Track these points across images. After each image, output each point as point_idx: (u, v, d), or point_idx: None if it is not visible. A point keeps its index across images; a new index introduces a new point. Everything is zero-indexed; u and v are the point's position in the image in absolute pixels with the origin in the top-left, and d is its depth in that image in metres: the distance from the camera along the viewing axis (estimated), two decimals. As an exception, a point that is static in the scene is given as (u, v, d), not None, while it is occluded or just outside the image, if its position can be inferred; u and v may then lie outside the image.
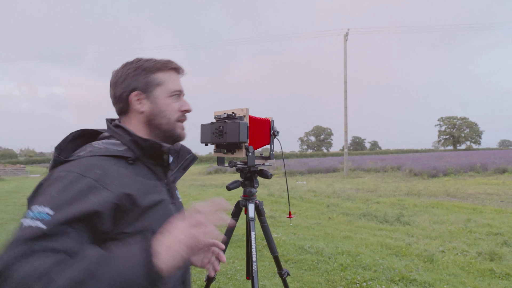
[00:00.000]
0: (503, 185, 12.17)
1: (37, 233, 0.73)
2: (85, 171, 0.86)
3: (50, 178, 0.86)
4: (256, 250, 1.99)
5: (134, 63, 1.03)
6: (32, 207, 0.79)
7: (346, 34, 21.25)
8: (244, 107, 1.82)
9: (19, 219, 5.16)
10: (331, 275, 3.90)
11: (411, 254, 4.61)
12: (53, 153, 0.95)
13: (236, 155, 1.86)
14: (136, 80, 1.01)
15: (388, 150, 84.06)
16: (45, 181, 0.86)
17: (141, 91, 1.02)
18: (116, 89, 1.03)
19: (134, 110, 1.03)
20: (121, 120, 1.07)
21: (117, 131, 1.01)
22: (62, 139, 0.97)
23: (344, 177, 18.38)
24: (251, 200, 2.11)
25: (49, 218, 0.75)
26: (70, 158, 0.93)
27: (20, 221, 0.78)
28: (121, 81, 1.02)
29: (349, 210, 8.02)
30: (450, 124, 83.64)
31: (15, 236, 0.73)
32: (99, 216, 0.80)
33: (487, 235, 5.53)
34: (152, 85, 1.02)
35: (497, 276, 3.83)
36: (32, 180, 24.08)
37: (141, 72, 1.02)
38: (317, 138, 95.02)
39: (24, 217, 0.77)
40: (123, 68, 1.03)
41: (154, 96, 1.03)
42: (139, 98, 1.02)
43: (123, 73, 1.02)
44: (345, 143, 21.30)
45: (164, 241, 0.73)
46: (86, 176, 0.84)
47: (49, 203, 0.78)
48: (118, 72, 1.04)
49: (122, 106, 1.04)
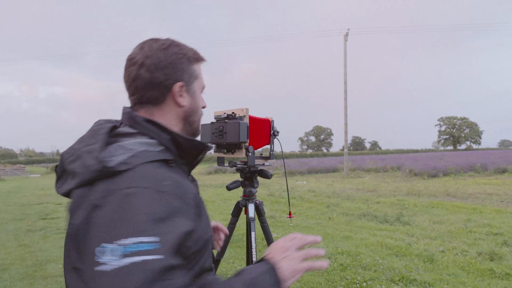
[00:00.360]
0: (503, 185, 12.17)
1: (163, 265, 0.61)
2: (157, 185, 0.71)
3: (111, 200, 0.67)
4: (256, 250, 1.99)
5: (175, 46, 0.89)
6: (121, 241, 0.62)
7: (346, 34, 21.25)
8: (244, 107, 1.82)
9: (19, 219, 5.12)
10: (331, 275, 3.90)
11: (411, 254, 4.61)
12: (93, 164, 0.73)
13: (236, 155, 1.86)
14: (181, 69, 0.88)
15: (388, 150, 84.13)
16: (104, 204, 0.67)
17: (186, 83, 0.90)
18: (156, 73, 0.85)
19: (173, 103, 0.89)
20: (147, 111, 0.88)
21: (151, 128, 0.83)
22: (98, 146, 0.76)
23: (344, 177, 18.38)
24: (251, 200, 2.11)
25: (160, 246, 0.63)
26: (119, 169, 0.73)
27: (111, 263, 0.60)
28: (164, 66, 0.85)
29: (349, 210, 8.02)
30: (450, 124, 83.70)
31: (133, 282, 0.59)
32: (190, 235, 0.72)
33: (487, 235, 5.53)
34: (193, 78, 0.92)
35: (497, 276, 3.83)
36: (32, 180, 24.09)
37: (185, 61, 0.89)
38: (317, 138, 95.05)
39: (113, 255, 0.61)
40: (165, 51, 0.87)
41: (193, 90, 0.93)
42: (181, 91, 0.89)
43: (166, 57, 0.86)
44: (345, 143, 21.30)
45: (287, 268, 0.79)
46: (163, 191, 0.71)
47: (145, 231, 0.63)
48: (159, 53, 0.86)
49: (157, 95, 0.87)
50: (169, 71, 0.86)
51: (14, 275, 4.12)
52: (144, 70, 0.85)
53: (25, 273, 4.21)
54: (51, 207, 9.70)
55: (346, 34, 21.26)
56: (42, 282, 3.92)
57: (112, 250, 0.61)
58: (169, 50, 0.87)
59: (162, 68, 0.85)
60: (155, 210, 0.67)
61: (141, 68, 0.85)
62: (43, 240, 5.84)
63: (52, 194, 13.35)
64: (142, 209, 0.66)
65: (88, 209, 0.68)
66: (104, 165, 0.71)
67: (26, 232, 6.51)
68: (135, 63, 0.85)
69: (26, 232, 6.52)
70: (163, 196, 0.70)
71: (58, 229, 6.65)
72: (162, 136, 0.83)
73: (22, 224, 7.32)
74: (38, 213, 8.72)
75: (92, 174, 0.72)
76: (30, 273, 4.21)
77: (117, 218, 0.65)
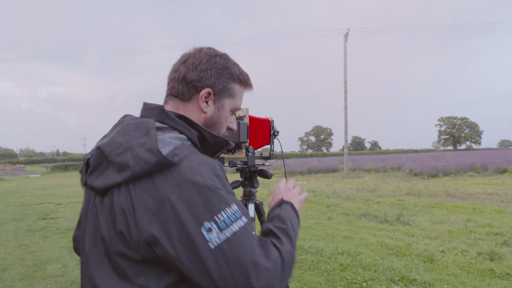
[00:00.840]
0: (503, 185, 12.18)
1: (250, 225, 0.78)
2: (213, 171, 0.79)
3: (185, 188, 0.73)
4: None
5: (223, 59, 0.94)
6: (217, 217, 0.72)
7: (346, 34, 21.25)
8: (244, 107, 1.82)
9: (19, 219, 5.13)
10: (331, 275, 3.90)
11: (411, 254, 4.61)
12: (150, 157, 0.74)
13: (236, 155, 1.86)
14: (217, 79, 0.92)
15: (388, 150, 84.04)
16: (182, 193, 0.72)
17: (214, 93, 0.93)
18: (193, 72, 0.90)
19: (197, 105, 0.93)
20: (174, 105, 0.94)
21: (182, 123, 0.87)
22: (151, 139, 0.78)
23: (344, 177, 18.38)
24: (251, 200, 2.10)
25: (241, 212, 0.77)
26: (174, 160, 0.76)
27: (217, 234, 0.71)
28: (202, 68, 0.91)
29: (349, 210, 8.02)
30: (450, 124, 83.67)
31: (242, 244, 0.72)
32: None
33: (487, 235, 5.53)
34: (226, 93, 0.95)
35: (497, 276, 3.83)
36: (32, 180, 24.08)
37: (226, 74, 0.93)
38: (317, 138, 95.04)
39: (217, 230, 0.71)
40: (212, 58, 0.92)
41: (222, 104, 0.95)
42: (208, 98, 0.93)
43: (209, 62, 0.92)
44: (345, 143, 21.31)
45: (296, 202, 1.05)
46: (219, 174, 0.80)
47: (228, 203, 0.75)
48: (204, 57, 0.92)
49: (184, 92, 0.92)
50: (204, 75, 0.91)
51: (14, 275, 4.12)
52: (184, 66, 0.92)
53: (25, 273, 4.21)
54: (51, 207, 9.69)
55: (346, 34, 21.26)
56: (42, 282, 3.92)
57: (215, 226, 0.71)
58: (215, 58, 0.93)
59: (200, 70, 0.91)
60: (224, 187, 0.77)
61: (183, 64, 0.92)
62: (43, 240, 5.84)
63: (52, 194, 13.34)
64: (217, 188, 0.75)
65: (166, 202, 0.72)
66: (163, 156, 0.74)
67: (26, 232, 6.51)
68: (182, 59, 0.94)
69: (26, 232, 6.51)
70: (221, 178, 0.79)
71: (58, 229, 6.65)
72: (192, 131, 0.87)
73: (22, 224, 7.31)
74: (38, 213, 8.72)
75: (149, 167, 0.74)
76: (30, 273, 4.21)
77: (204, 200, 0.72)
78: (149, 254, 0.73)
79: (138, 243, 0.73)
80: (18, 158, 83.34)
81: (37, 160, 72.73)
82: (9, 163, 47.72)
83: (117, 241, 0.75)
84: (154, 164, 0.74)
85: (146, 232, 0.72)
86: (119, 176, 0.76)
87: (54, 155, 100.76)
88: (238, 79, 0.96)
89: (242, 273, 0.69)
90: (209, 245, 0.70)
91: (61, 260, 4.70)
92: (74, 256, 4.84)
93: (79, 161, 48.71)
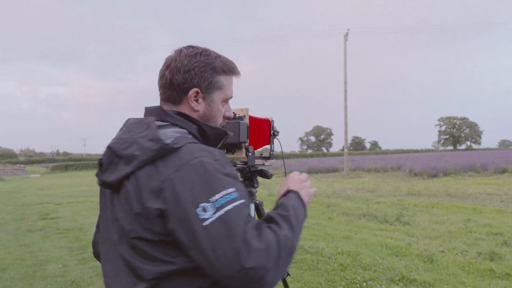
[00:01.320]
0: (503, 185, 12.18)
1: (246, 206, 0.80)
2: (212, 155, 0.83)
3: (185, 170, 0.79)
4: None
5: (203, 55, 0.96)
6: (213, 197, 0.76)
7: (346, 34, 21.26)
8: (244, 107, 1.83)
9: (19, 219, 5.13)
10: (331, 275, 3.90)
11: (411, 254, 4.61)
12: (152, 145, 0.82)
13: (236, 155, 1.86)
14: (201, 76, 0.95)
15: (388, 150, 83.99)
16: (182, 175, 0.78)
17: (202, 91, 0.96)
18: (177, 76, 0.94)
19: (188, 106, 0.97)
20: (168, 108, 0.98)
21: (181, 119, 0.93)
22: (152, 130, 0.86)
23: (344, 177, 18.38)
24: (251, 200, 2.11)
25: (239, 193, 0.80)
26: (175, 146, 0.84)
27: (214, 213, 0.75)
28: (185, 70, 0.94)
29: (349, 210, 8.02)
30: (450, 124, 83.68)
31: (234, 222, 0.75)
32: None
33: (487, 235, 5.53)
34: (214, 88, 0.98)
35: (497, 276, 3.83)
36: (32, 180, 24.09)
37: (209, 70, 0.96)
38: (317, 138, 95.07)
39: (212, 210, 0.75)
40: (192, 57, 0.95)
41: (212, 98, 0.99)
42: (197, 97, 0.97)
43: (190, 62, 0.95)
44: (345, 143, 21.32)
45: (305, 195, 1.02)
46: (218, 159, 0.83)
47: (225, 185, 0.78)
48: (184, 58, 0.95)
49: (174, 96, 0.96)
50: (188, 76, 0.95)
51: (14, 275, 4.12)
52: (169, 72, 0.96)
53: (25, 273, 4.21)
54: (51, 207, 9.70)
55: (346, 34, 21.27)
56: (42, 282, 3.92)
57: (210, 206, 0.75)
58: (196, 57, 0.96)
59: (183, 72, 0.94)
60: (224, 169, 0.81)
61: (167, 69, 0.96)
62: (43, 240, 5.84)
63: (52, 194, 13.35)
64: (215, 171, 0.79)
65: (167, 183, 0.78)
66: (164, 143, 0.82)
67: (26, 232, 6.51)
68: (165, 64, 0.98)
69: (26, 232, 6.52)
70: (220, 162, 0.82)
71: (58, 229, 6.65)
72: (191, 126, 0.93)
73: (22, 224, 7.32)
74: (38, 213, 8.72)
75: (152, 153, 0.82)
76: (30, 273, 4.21)
77: (202, 182, 0.77)
78: (163, 232, 0.79)
79: (152, 223, 0.79)
80: (18, 158, 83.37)
81: (37, 160, 72.78)
82: (9, 163, 47.78)
83: (135, 224, 0.81)
84: (156, 149, 0.81)
85: (154, 209, 0.78)
86: (128, 167, 0.83)
87: (54, 155, 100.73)
88: (222, 70, 0.98)
89: (233, 251, 0.72)
90: (203, 223, 0.74)
91: (61, 260, 4.70)
92: (74, 256, 4.84)
93: (79, 161, 48.76)
